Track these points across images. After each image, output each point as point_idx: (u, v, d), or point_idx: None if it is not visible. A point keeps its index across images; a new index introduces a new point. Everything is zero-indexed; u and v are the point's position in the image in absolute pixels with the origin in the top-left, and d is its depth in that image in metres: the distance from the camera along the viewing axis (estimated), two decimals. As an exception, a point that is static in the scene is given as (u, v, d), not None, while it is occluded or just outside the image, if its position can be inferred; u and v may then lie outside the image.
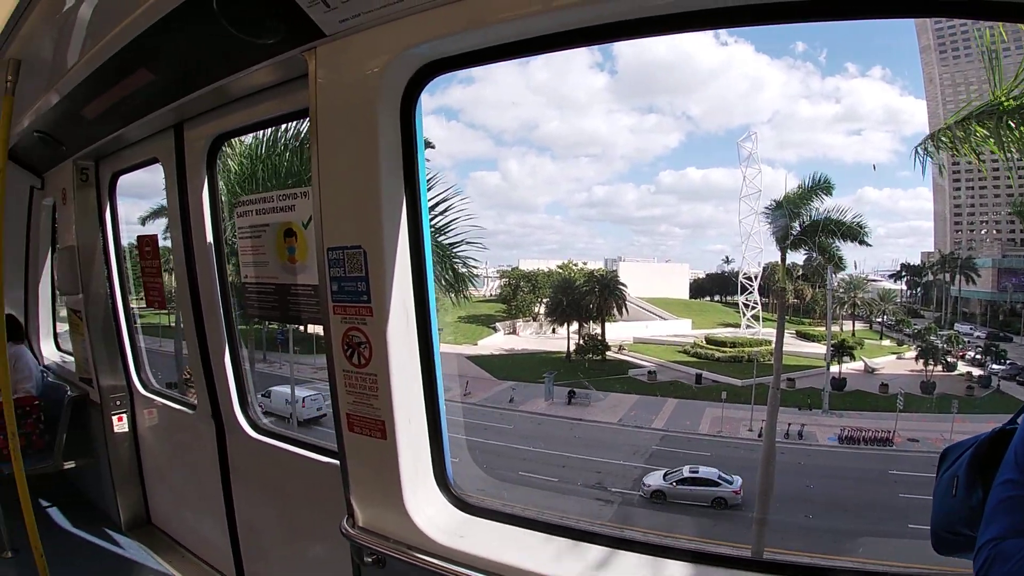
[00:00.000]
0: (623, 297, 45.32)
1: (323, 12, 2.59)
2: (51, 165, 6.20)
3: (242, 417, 4.52)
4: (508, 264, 50.87)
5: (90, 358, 5.89)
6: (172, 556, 5.50)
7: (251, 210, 3.76)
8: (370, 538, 3.06)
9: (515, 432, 30.66)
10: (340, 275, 2.86)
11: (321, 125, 2.88)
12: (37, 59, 3.97)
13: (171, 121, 4.42)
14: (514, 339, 44.50)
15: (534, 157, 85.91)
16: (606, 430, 32.90)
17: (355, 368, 2.92)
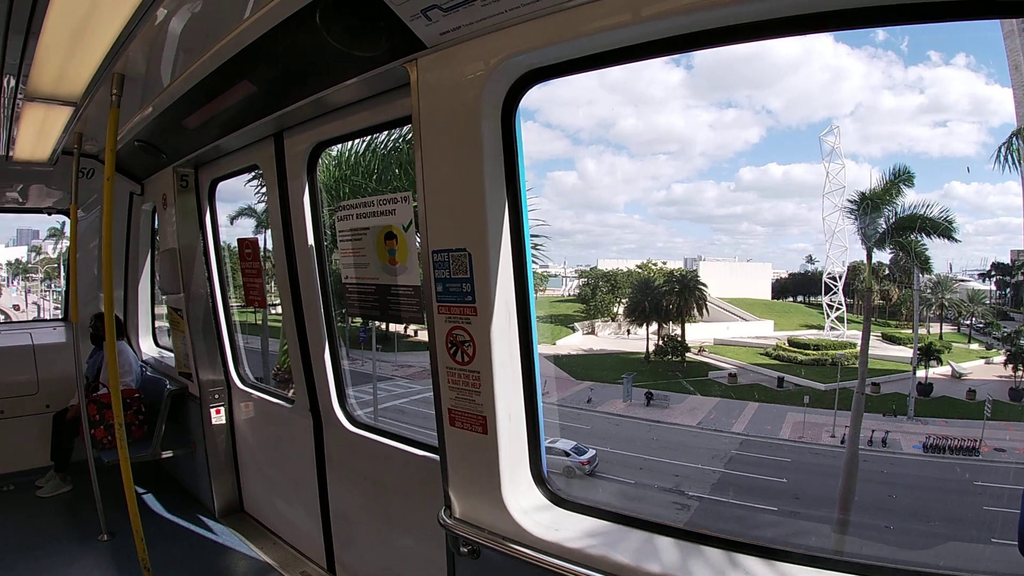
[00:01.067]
0: (703, 297, 44.26)
1: (424, 26, 2.70)
2: (151, 172, 6.55)
3: (340, 411, 4.70)
4: (586, 264, 50.26)
5: (190, 354, 6.21)
6: (264, 543, 5.76)
7: (352, 214, 3.90)
8: (467, 529, 3.15)
9: (592, 433, 30.47)
10: (445, 276, 2.96)
11: (424, 133, 2.98)
12: (140, 73, 4.17)
13: (271, 130, 4.63)
14: (592, 339, 44.02)
15: (611, 156, 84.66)
16: (685, 433, 32.30)
17: (458, 365, 3.02)
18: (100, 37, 3.21)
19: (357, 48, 3.07)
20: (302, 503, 5.29)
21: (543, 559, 2.81)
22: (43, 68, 3.60)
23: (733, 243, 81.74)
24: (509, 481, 3.06)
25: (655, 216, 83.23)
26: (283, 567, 5.30)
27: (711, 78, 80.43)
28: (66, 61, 3.55)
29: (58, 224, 42.89)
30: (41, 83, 3.88)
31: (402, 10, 2.65)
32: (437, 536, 3.57)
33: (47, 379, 7.62)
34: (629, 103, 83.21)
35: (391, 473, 4.25)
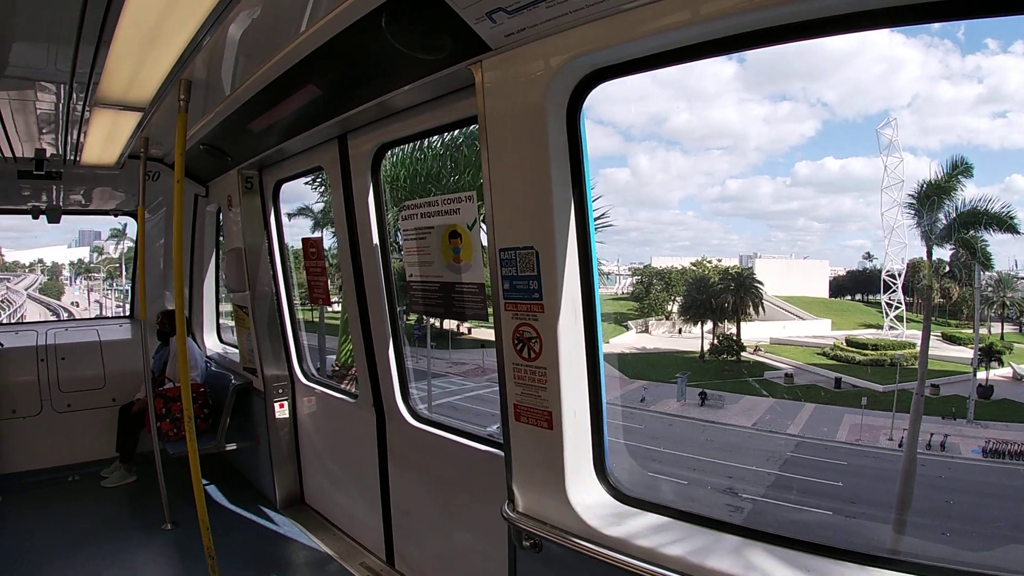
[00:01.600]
0: (759, 295, 43.38)
1: (489, 28, 2.75)
2: (215, 175, 6.74)
3: (403, 406, 4.80)
4: (640, 261, 49.63)
5: (255, 349, 6.38)
6: (324, 534, 5.88)
7: (416, 213, 3.97)
8: (530, 522, 3.18)
9: (645, 432, 30.25)
10: (512, 274, 3.00)
11: (491, 133, 3.03)
12: (207, 78, 4.30)
13: (335, 132, 4.73)
14: (646, 338, 43.43)
15: (664, 152, 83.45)
16: (739, 434, 31.81)
17: (525, 361, 3.05)
18: (169, 45, 3.30)
19: (422, 51, 3.13)
20: (363, 496, 5.39)
21: (605, 553, 2.83)
22: (113, 76, 3.70)
23: (789, 240, 79.66)
24: (573, 476, 3.08)
25: (709, 213, 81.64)
26: (343, 558, 5.41)
27: (764, 71, 78.75)
28: (136, 69, 3.64)
29: (120, 225, 44.15)
30: (110, 90, 3.98)
31: (467, 13, 2.70)
32: (497, 530, 3.63)
33: (113, 374, 7.90)
34: (682, 98, 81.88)
35: (453, 468, 4.31)
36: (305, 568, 5.36)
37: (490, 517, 3.80)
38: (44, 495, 6.97)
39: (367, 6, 2.96)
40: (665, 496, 26.48)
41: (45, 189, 7.41)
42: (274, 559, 5.54)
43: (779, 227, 79.25)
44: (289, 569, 5.36)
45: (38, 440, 7.52)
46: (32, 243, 53.47)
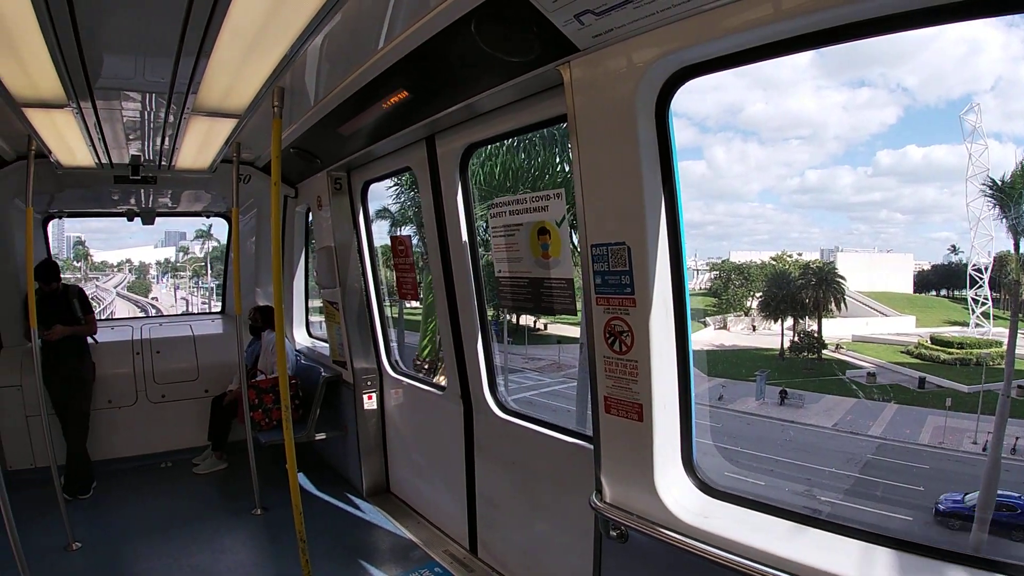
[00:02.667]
0: (841, 291, 41.64)
1: (577, 30, 2.80)
2: (304, 177, 6.98)
3: (491, 399, 4.90)
4: (718, 256, 48.17)
5: (345, 343, 6.61)
6: (408, 521, 6.05)
7: (504, 211, 4.06)
8: (617, 513, 3.22)
9: (723, 431, 29.61)
10: (604, 269, 3.05)
11: (581, 132, 3.08)
12: (300, 85, 4.49)
13: (423, 134, 4.86)
14: (724, 334, 41.94)
15: (740, 142, 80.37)
16: (819, 434, 30.70)
17: (616, 355, 3.10)
18: (267, 55, 3.42)
19: (510, 54, 3.22)
20: (448, 485, 5.53)
21: (692, 544, 2.86)
22: (210, 86, 3.85)
23: (872, 232, 75.66)
24: (661, 468, 3.11)
25: (789, 205, 78.21)
26: (427, 545, 5.56)
27: (841, 56, 75.23)
28: (233, 79, 3.79)
29: (205, 226, 45.48)
30: (207, 99, 4.14)
31: (556, 16, 2.76)
32: (581, 521, 3.70)
33: (206, 366, 8.32)
34: (757, 87, 78.96)
35: (539, 459, 4.38)
36: (390, 554, 5.51)
37: (575, 508, 3.88)
38: (138, 480, 7.38)
39: (458, 11, 3.05)
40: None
41: (140, 193, 7.81)
42: (360, 544, 5.72)
43: (861, 219, 75.53)
44: (375, 554, 5.51)
45: (133, 428, 7.96)
46: (120, 244, 55.49)
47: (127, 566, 5.47)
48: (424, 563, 5.27)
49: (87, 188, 7.40)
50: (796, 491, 25.87)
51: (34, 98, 3.99)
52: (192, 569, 5.33)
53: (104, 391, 7.73)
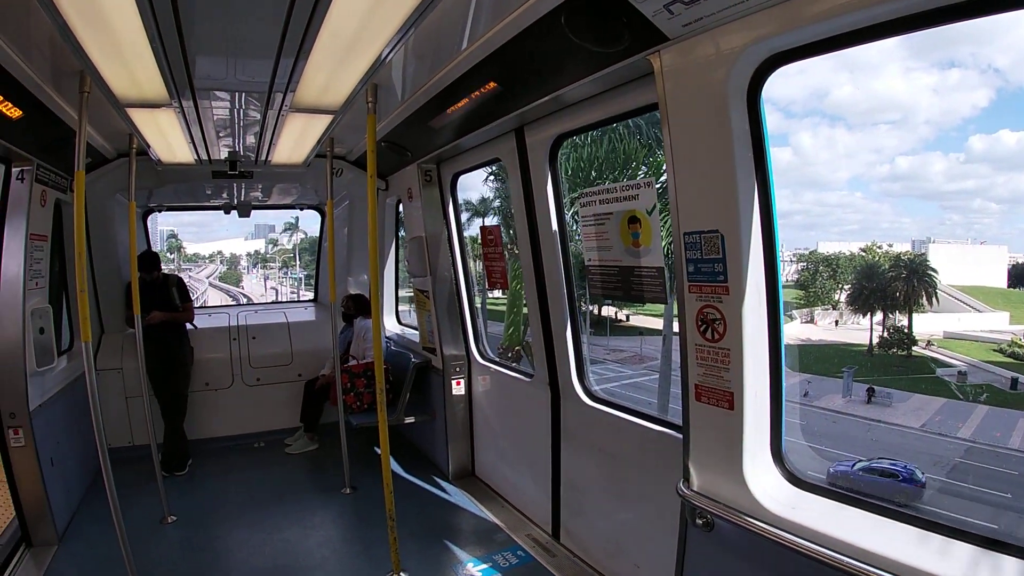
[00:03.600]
0: (933, 285, 39.57)
1: (667, 19, 2.81)
2: (395, 169, 7.16)
3: (579, 386, 4.94)
4: (805, 247, 46.23)
5: (435, 331, 6.77)
6: (492, 505, 6.16)
7: (594, 200, 4.09)
8: (704, 501, 3.22)
9: (807, 428, 28.83)
10: (696, 257, 3.06)
11: (672, 120, 3.10)
12: (393, 80, 4.61)
13: (512, 125, 4.95)
14: (811, 328, 40.39)
15: (827, 128, 77.15)
16: (906, 435, 29.45)
17: (708, 342, 3.10)
18: (363, 54, 3.53)
19: (600, 45, 3.24)
20: (533, 470, 5.61)
21: (780, 535, 2.84)
22: (308, 84, 4.00)
23: (965, 223, 71.66)
24: (750, 457, 3.10)
25: (879, 193, 74.40)
26: (510, 528, 5.65)
27: (929, 35, 71.53)
28: (330, 77, 3.92)
29: (292, 219, 46.71)
30: (305, 97, 4.30)
31: (645, 7, 2.78)
32: (666, 509, 3.72)
33: (299, 351, 8.69)
34: (843, 69, 75.74)
35: (626, 446, 4.40)
36: (474, 535, 5.61)
37: (660, 496, 3.91)
38: (232, 459, 7.77)
39: (548, 4, 3.10)
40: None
41: (233, 187, 8.16)
42: (446, 525, 5.86)
43: (953, 208, 71.35)
44: (460, 535, 5.63)
45: (228, 410, 8.40)
46: (211, 236, 57.55)
47: (219, 539, 5.76)
48: (507, 546, 5.35)
49: (185, 183, 7.77)
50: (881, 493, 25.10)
51: (137, 99, 4.20)
52: (283, 543, 5.56)
53: (202, 374, 8.16)
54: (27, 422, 5.27)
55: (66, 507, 5.94)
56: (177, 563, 5.27)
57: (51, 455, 5.61)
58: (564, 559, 5.07)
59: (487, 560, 5.12)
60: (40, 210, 5.62)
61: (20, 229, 5.36)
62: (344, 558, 5.32)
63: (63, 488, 5.88)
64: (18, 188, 5.37)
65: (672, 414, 4.23)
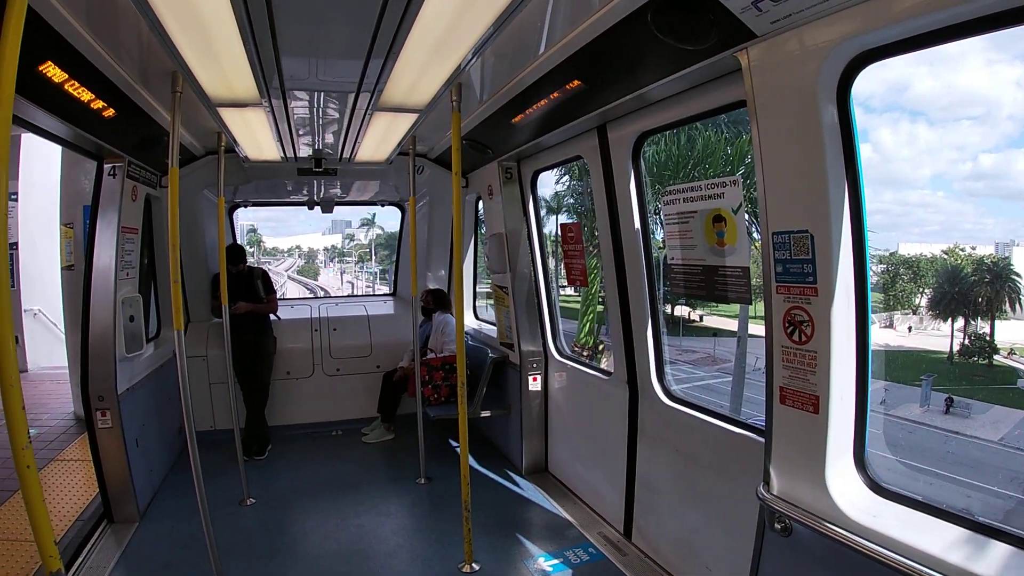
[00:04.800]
0: (1017, 290, 37.43)
1: (755, 16, 2.78)
2: (475, 167, 7.26)
3: (657, 385, 4.91)
4: (885, 248, 44.06)
5: (513, 326, 6.84)
6: (564, 501, 6.18)
7: (678, 198, 4.06)
8: (784, 505, 3.17)
9: (881, 438, 27.99)
10: (785, 257, 3.02)
11: (761, 118, 3.06)
12: (477, 79, 4.68)
13: (594, 123, 4.95)
14: (890, 333, 38.68)
15: (907, 123, 73.93)
16: (983, 448, 28.12)
17: (795, 344, 3.05)
18: (451, 54, 3.57)
19: (687, 42, 3.23)
20: (606, 469, 5.60)
21: (859, 542, 2.79)
22: (396, 84, 4.06)
23: None
24: (833, 462, 3.04)
25: (961, 193, 70.82)
26: (582, 525, 5.65)
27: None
28: (417, 77, 3.98)
29: (369, 215, 47.52)
30: (392, 97, 4.37)
31: (733, 4, 2.76)
32: (742, 513, 3.68)
33: (378, 344, 8.94)
34: (922, 62, 72.19)
35: (703, 448, 4.36)
36: (546, 531, 5.63)
37: (735, 499, 3.89)
38: (310, 446, 8.04)
39: (635, 3, 3.11)
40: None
41: (313, 183, 8.40)
42: (518, 519, 5.89)
43: None
44: (531, 530, 5.65)
45: (308, 398, 8.70)
46: (289, 231, 58.90)
47: (296, 522, 5.94)
48: (578, 543, 5.35)
49: (269, 179, 8.03)
50: (953, 508, 23.92)
51: (229, 98, 4.35)
52: (358, 529, 5.72)
53: (284, 363, 8.46)
54: (115, 405, 5.57)
55: (148, 487, 6.24)
56: (255, 543, 5.47)
57: (136, 436, 5.91)
58: (635, 558, 5.05)
59: (558, 556, 5.15)
60: (131, 204, 5.91)
61: (112, 222, 5.65)
62: (417, 546, 5.42)
63: (145, 468, 6.18)
64: (110, 183, 5.66)
65: (744, 418, 4.20)
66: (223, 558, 4.54)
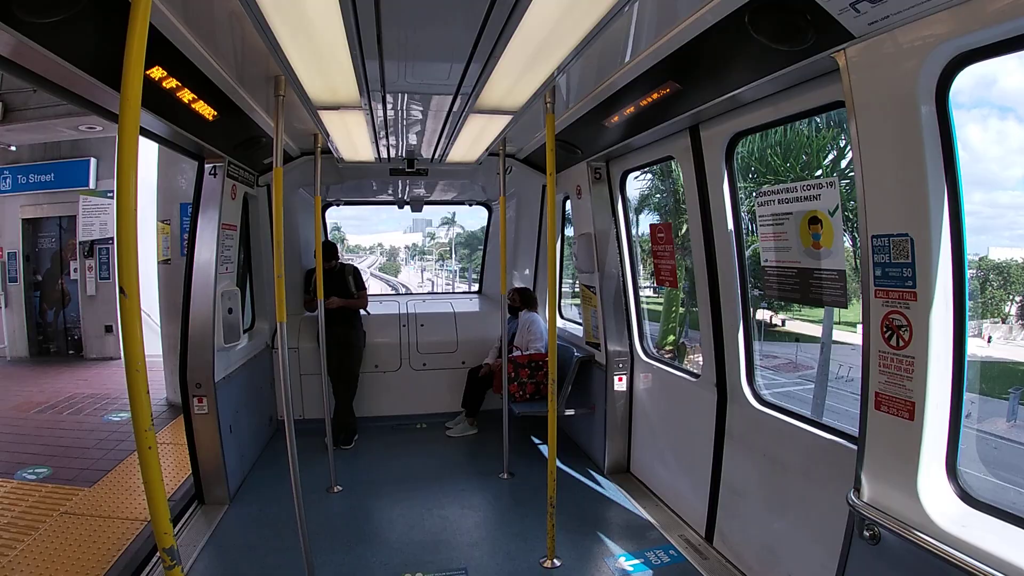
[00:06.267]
0: None
1: (853, 18, 2.77)
2: (564, 167, 7.30)
3: (747, 389, 4.85)
4: (975, 252, 41.52)
5: (600, 326, 6.85)
6: (646, 502, 6.17)
7: (773, 199, 4.04)
8: (874, 512, 3.11)
9: (964, 453, 26.56)
10: (884, 261, 2.97)
11: (860, 120, 3.02)
12: (571, 82, 4.77)
13: (686, 124, 4.94)
14: (976, 343, 36.76)
15: (996, 120, 70.25)
16: None
17: (892, 350, 3.01)
18: (550, 58, 3.61)
19: (783, 43, 3.22)
20: (690, 471, 5.57)
21: (949, 552, 2.72)
22: (494, 87, 4.13)
23: None
24: (926, 471, 2.98)
25: None
26: (663, 527, 5.63)
27: None
28: (515, 80, 4.04)
29: (449, 214, 48.03)
30: (488, 99, 4.44)
31: (830, 5, 2.76)
32: (828, 522, 3.65)
33: (464, 340, 9.17)
34: (1011, 55, 68.69)
35: (792, 453, 4.29)
36: (627, 531, 5.63)
37: (822, 507, 3.85)
38: (395, 437, 8.29)
39: (732, 4, 3.13)
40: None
41: (398, 183, 8.69)
42: (599, 518, 5.91)
43: None
44: (613, 529, 5.66)
45: (394, 391, 9.00)
46: (371, 230, 60.09)
47: (382, 511, 6.15)
48: (659, 544, 5.34)
49: (361, 179, 8.35)
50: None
51: (330, 101, 4.51)
52: (442, 520, 5.86)
53: (372, 357, 8.76)
54: (211, 392, 5.90)
55: (238, 471, 6.57)
56: (341, 529, 5.69)
57: (229, 423, 6.25)
58: (715, 562, 5.02)
59: (639, 556, 5.15)
60: (231, 202, 6.25)
61: (213, 219, 5.98)
62: (500, 539, 5.51)
63: (237, 454, 6.51)
64: (211, 183, 6.01)
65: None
66: (310, 542, 4.72)
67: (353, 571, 4.99)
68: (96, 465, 7.28)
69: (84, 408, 9.88)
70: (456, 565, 5.05)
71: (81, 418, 9.37)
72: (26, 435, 8.50)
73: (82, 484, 6.71)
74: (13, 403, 10.15)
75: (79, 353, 14.33)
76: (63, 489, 6.56)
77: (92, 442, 8.15)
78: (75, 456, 7.63)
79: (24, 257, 14.38)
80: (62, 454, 7.69)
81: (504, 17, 2.91)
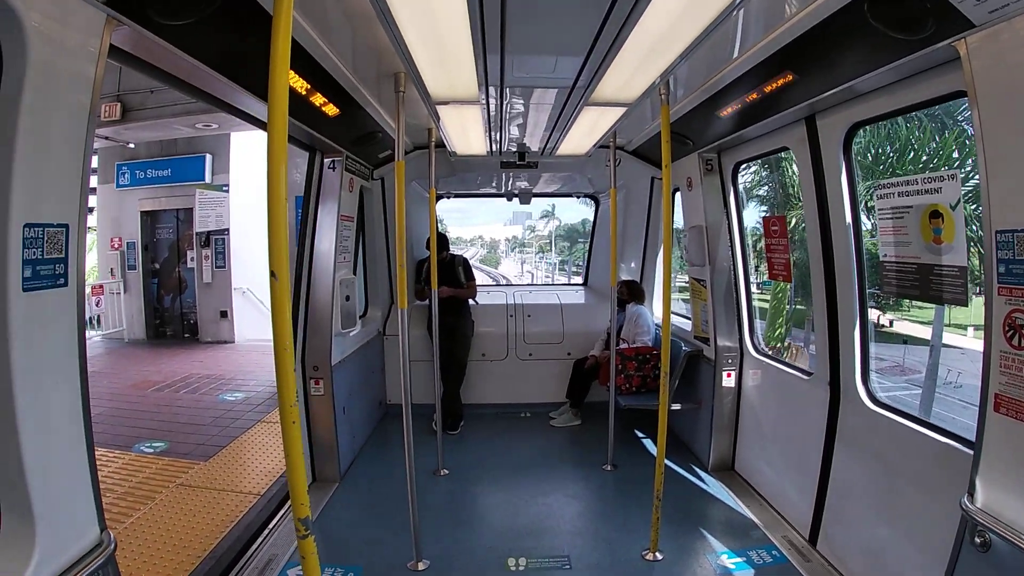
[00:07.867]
0: None
1: (973, 6, 2.68)
2: (675, 158, 7.17)
3: (862, 388, 4.69)
4: None
5: (710, 320, 6.79)
6: (750, 501, 6.08)
7: (892, 192, 3.92)
8: (987, 518, 2.98)
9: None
10: (1008, 257, 2.84)
11: (983, 110, 2.91)
12: (684, 73, 4.73)
13: (802, 115, 4.84)
14: None
15: None
16: None
17: (1014, 350, 2.88)
18: (667, 51, 3.58)
19: (903, 32, 3.14)
20: (797, 472, 5.45)
21: None
22: (609, 80, 4.11)
23: None
24: None
25: None
26: (766, 527, 5.55)
27: None
28: (632, 73, 4.01)
29: (549, 207, 48.10)
30: (603, 92, 4.42)
31: None
32: (938, 529, 3.52)
33: (569, 332, 9.28)
34: None
35: (905, 456, 4.14)
36: (730, 528, 5.58)
37: (932, 513, 3.71)
38: (500, 425, 8.47)
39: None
40: None
41: (502, 175, 8.84)
42: (702, 514, 5.89)
43: None
44: (715, 526, 5.63)
45: (500, 380, 9.18)
46: (471, 221, 60.72)
47: (487, 495, 6.34)
48: (762, 544, 5.28)
49: (471, 172, 8.58)
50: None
51: (449, 97, 4.61)
52: (545, 508, 5.97)
53: (480, 346, 9.00)
54: (328, 375, 6.24)
55: (349, 452, 6.91)
56: (447, 511, 5.92)
57: (343, 405, 6.58)
58: (818, 565, 4.90)
59: (741, 555, 5.11)
60: (348, 195, 6.56)
61: (332, 211, 6.30)
62: (602, 530, 5.56)
63: (349, 434, 6.85)
64: (330, 176, 6.31)
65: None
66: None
67: (459, 553, 5.17)
68: (211, 441, 7.83)
69: (200, 388, 10.61)
70: (559, 552, 5.14)
71: (197, 396, 10.07)
72: (144, 411, 9.19)
73: (197, 458, 7.22)
74: (132, 381, 11.00)
75: (195, 336, 15.47)
76: (179, 462, 7.09)
77: (208, 420, 8.76)
78: (191, 432, 8.21)
79: (143, 247, 15.66)
80: (178, 430, 8.29)
81: (626, 12, 2.94)
